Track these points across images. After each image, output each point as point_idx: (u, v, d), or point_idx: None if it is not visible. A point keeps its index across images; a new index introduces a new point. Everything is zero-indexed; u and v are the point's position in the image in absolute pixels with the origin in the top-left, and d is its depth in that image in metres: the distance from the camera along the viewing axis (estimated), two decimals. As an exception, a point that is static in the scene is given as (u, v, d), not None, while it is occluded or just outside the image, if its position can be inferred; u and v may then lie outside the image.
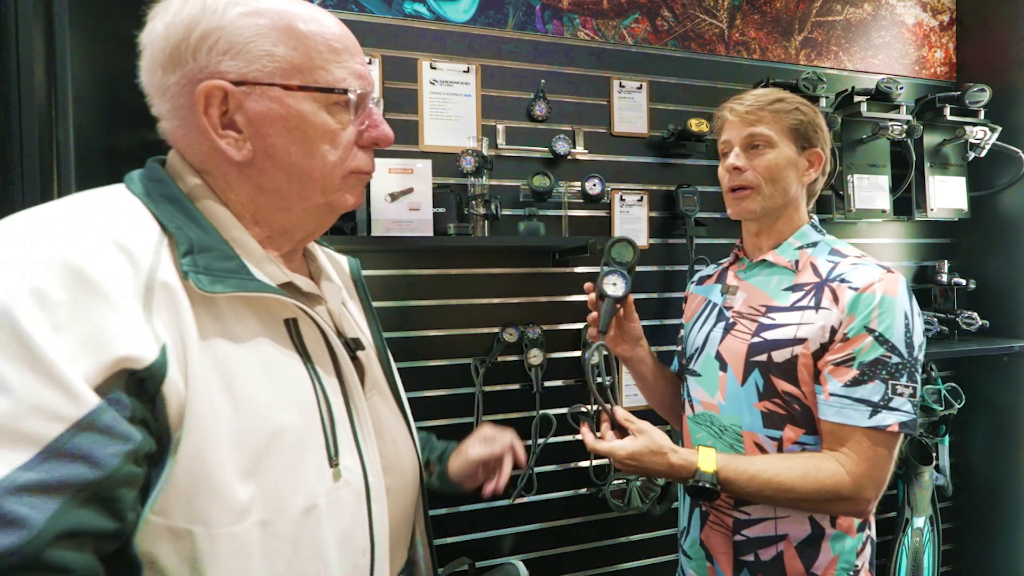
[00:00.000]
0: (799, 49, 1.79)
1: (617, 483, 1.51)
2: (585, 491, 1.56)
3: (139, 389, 0.42)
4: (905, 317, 0.83)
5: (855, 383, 0.83)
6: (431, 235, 1.28)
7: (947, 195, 1.79)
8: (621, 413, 0.90)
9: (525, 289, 1.53)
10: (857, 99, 1.66)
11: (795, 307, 0.90)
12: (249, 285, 0.51)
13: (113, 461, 0.39)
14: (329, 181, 0.57)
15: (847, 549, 0.90)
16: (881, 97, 1.67)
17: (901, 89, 1.67)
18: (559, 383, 1.55)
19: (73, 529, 0.38)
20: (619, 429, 0.90)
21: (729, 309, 1.00)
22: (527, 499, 1.51)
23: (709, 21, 1.70)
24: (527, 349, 1.48)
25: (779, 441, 0.90)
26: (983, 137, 1.76)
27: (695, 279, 1.17)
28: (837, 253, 0.93)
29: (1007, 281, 1.84)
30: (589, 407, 1.54)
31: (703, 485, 0.83)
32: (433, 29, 1.45)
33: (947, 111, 1.72)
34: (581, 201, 1.51)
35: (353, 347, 0.64)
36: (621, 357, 1.08)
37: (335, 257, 0.77)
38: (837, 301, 0.86)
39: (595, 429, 0.92)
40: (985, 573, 1.89)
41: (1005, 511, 1.84)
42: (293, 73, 0.53)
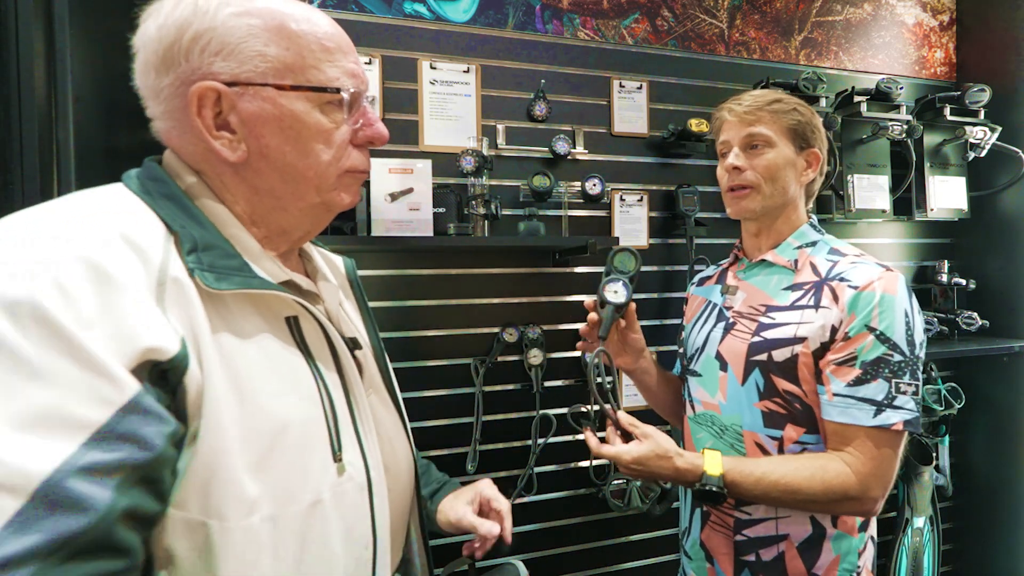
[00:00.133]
0: (799, 49, 1.79)
1: (617, 483, 1.51)
2: (585, 491, 1.56)
3: (162, 380, 0.43)
4: (905, 315, 0.83)
5: (858, 382, 0.83)
6: (431, 235, 1.28)
7: (947, 195, 1.79)
8: (625, 418, 0.90)
9: (525, 289, 1.53)
10: (857, 99, 1.66)
11: (795, 306, 0.90)
12: (253, 282, 0.51)
13: (159, 441, 0.41)
14: (324, 180, 0.57)
15: (849, 549, 0.90)
16: (881, 97, 1.67)
17: (901, 89, 1.67)
18: (559, 383, 1.55)
19: (132, 509, 0.39)
20: (623, 433, 0.90)
21: (729, 309, 1.00)
22: (527, 499, 1.51)
23: (709, 21, 1.70)
24: (527, 349, 1.48)
25: (780, 441, 0.90)
26: (983, 137, 1.76)
27: (695, 280, 1.17)
28: (836, 252, 0.93)
29: (1007, 281, 1.84)
30: (589, 407, 1.54)
31: (710, 488, 0.82)
32: (433, 29, 1.45)
33: (947, 111, 1.72)
34: (581, 201, 1.50)
35: (351, 347, 0.64)
36: (624, 369, 1.07)
37: (330, 257, 0.77)
38: (837, 300, 0.86)
39: (596, 430, 0.92)
40: (985, 573, 1.89)
41: (1005, 511, 1.84)
42: (286, 73, 0.53)
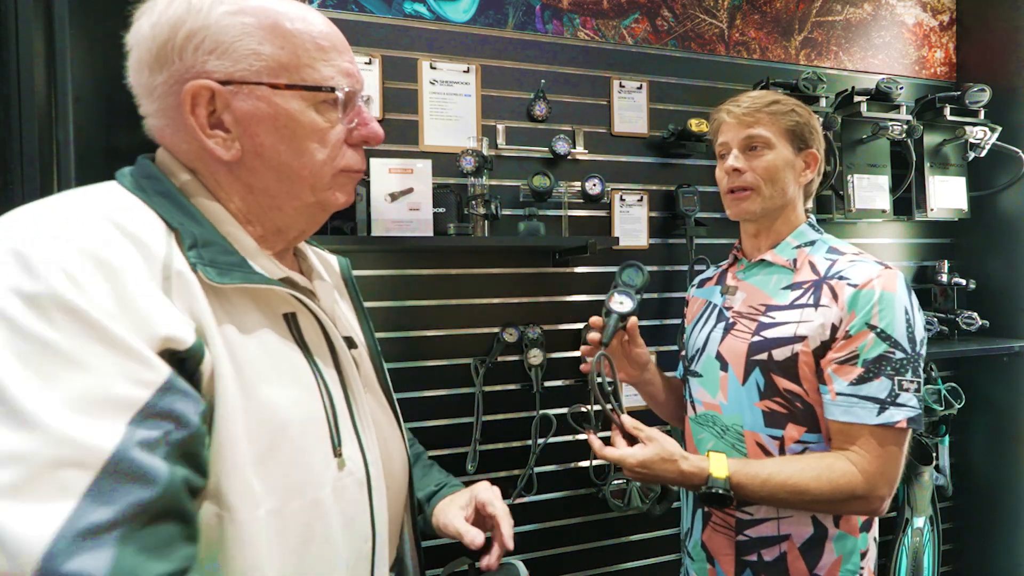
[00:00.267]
0: (799, 49, 1.79)
1: (617, 483, 1.51)
2: (585, 491, 1.56)
3: (180, 368, 0.44)
4: (905, 312, 0.83)
5: (861, 381, 0.82)
6: (431, 235, 1.28)
7: (947, 195, 1.79)
8: (629, 421, 0.90)
9: (525, 289, 1.52)
10: (857, 99, 1.66)
11: (794, 305, 0.90)
12: (254, 278, 0.52)
13: (195, 419, 0.42)
14: (319, 180, 0.57)
15: (852, 550, 0.90)
16: (881, 97, 1.67)
17: (901, 89, 1.67)
18: (559, 383, 1.55)
19: (186, 480, 0.41)
20: (627, 436, 0.90)
21: (729, 309, 1.00)
22: (527, 499, 1.51)
23: (709, 21, 1.70)
24: (527, 349, 1.48)
25: (781, 440, 0.90)
26: (983, 137, 1.76)
27: (695, 282, 1.18)
28: (835, 251, 0.93)
29: (1007, 281, 1.84)
30: (589, 407, 1.54)
31: (716, 491, 0.82)
32: (433, 29, 1.45)
33: (947, 111, 1.72)
34: (581, 201, 1.50)
35: (347, 346, 0.64)
36: (629, 382, 1.08)
37: (325, 257, 0.77)
38: (836, 298, 0.86)
39: (598, 431, 0.92)
40: (985, 573, 1.89)
41: (1005, 511, 1.84)
42: (280, 72, 0.52)
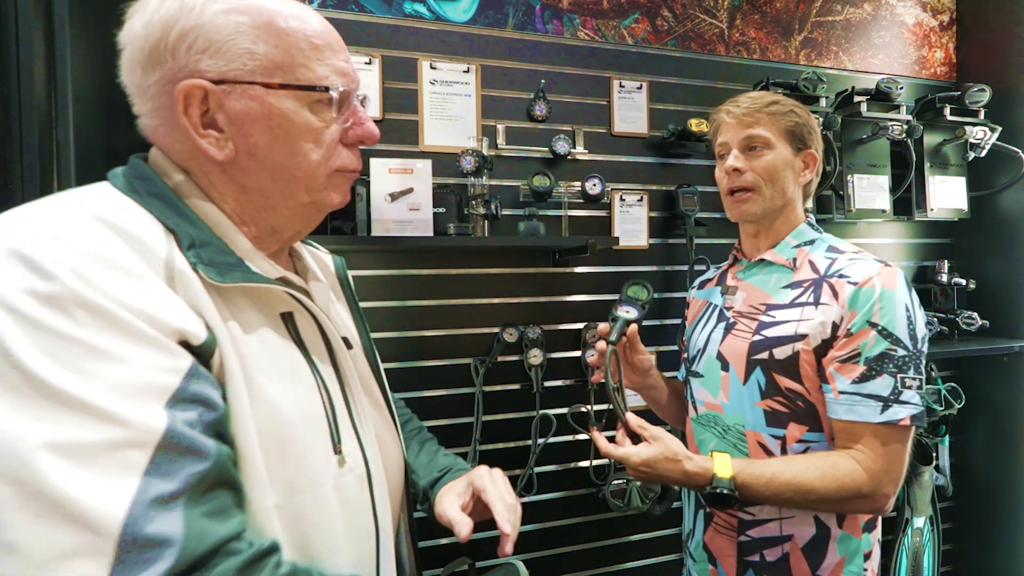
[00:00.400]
0: (799, 49, 1.79)
1: (617, 483, 1.51)
2: (585, 491, 1.56)
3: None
4: (906, 310, 0.83)
5: (863, 379, 0.82)
6: (431, 235, 1.28)
7: (947, 195, 1.79)
8: (635, 420, 0.90)
9: (525, 289, 1.52)
10: (857, 99, 1.66)
11: (794, 304, 0.90)
12: (253, 277, 0.52)
13: (220, 401, 0.45)
14: (313, 180, 0.56)
15: (855, 551, 0.89)
16: (881, 97, 1.67)
17: (901, 89, 1.67)
18: (559, 383, 1.54)
19: (228, 454, 0.44)
20: (632, 435, 0.90)
21: (729, 309, 1.00)
22: (527, 499, 1.50)
23: (709, 21, 1.70)
24: (527, 349, 1.48)
25: (782, 440, 0.89)
26: (983, 137, 1.76)
27: (696, 284, 1.18)
28: (834, 250, 0.93)
29: (1007, 281, 1.84)
30: (589, 407, 1.54)
31: (721, 491, 0.82)
32: (433, 29, 1.45)
33: (947, 111, 1.72)
34: (581, 201, 1.50)
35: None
36: (631, 387, 1.08)
37: (320, 256, 0.76)
38: (837, 296, 0.86)
39: (600, 427, 0.92)
40: (985, 573, 1.89)
41: (1005, 511, 1.84)
42: (274, 71, 0.52)
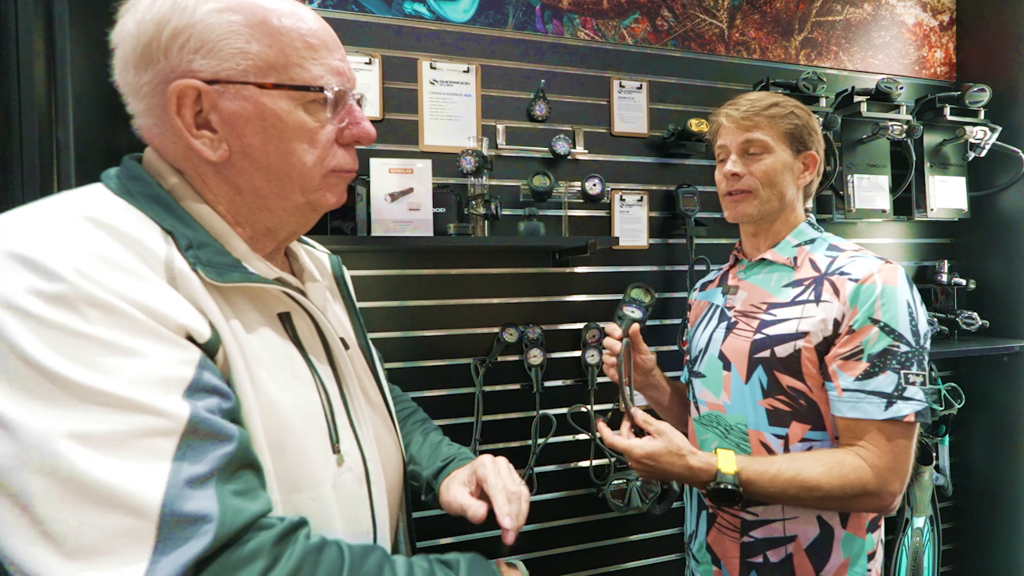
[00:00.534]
0: (799, 49, 1.79)
1: (617, 483, 1.51)
2: (585, 491, 1.56)
3: None
4: (908, 306, 0.83)
5: (867, 376, 0.82)
6: (431, 235, 1.28)
7: (947, 195, 1.79)
8: (640, 415, 0.90)
9: (525, 289, 1.52)
10: (857, 99, 1.66)
11: (795, 302, 0.90)
12: (251, 277, 0.52)
13: (232, 392, 0.46)
14: (308, 181, 0.56)
15: (859, 552, 0.89)
16: (881, 97, 1.67)
17: (901, 89, 1.67)
18: (559, 383, 1.54)
19: (249, 437, 0.46)
20: (636, 430, 0.90)
21: (730, 309, 1.00)
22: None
23: (709, 21, 1.70)
24: (527, 349, 1.48)
25: (785, 439, 0.89)
26: (983, 137, 1.76)
27: (697, 286, 1.18)
28: (835, 248, 0.93)
29: (1007, 281, 1.84)
30: (589, 407, 1.54)
31: (725, 487, 0.81)
32: (433, 29, 1.45)
33: (947, 111, 1.72)
34: (581, 201, 1.50)
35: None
36: (635, 387, 1.08)
37: (317, 255, 0.76)
38: (838, 294, 0.86)
39: (602, 417, 0.92)
40: (985, 573, 1.89)
41: (1005, 511, 1.84)
42: (268, 71, 0.51)
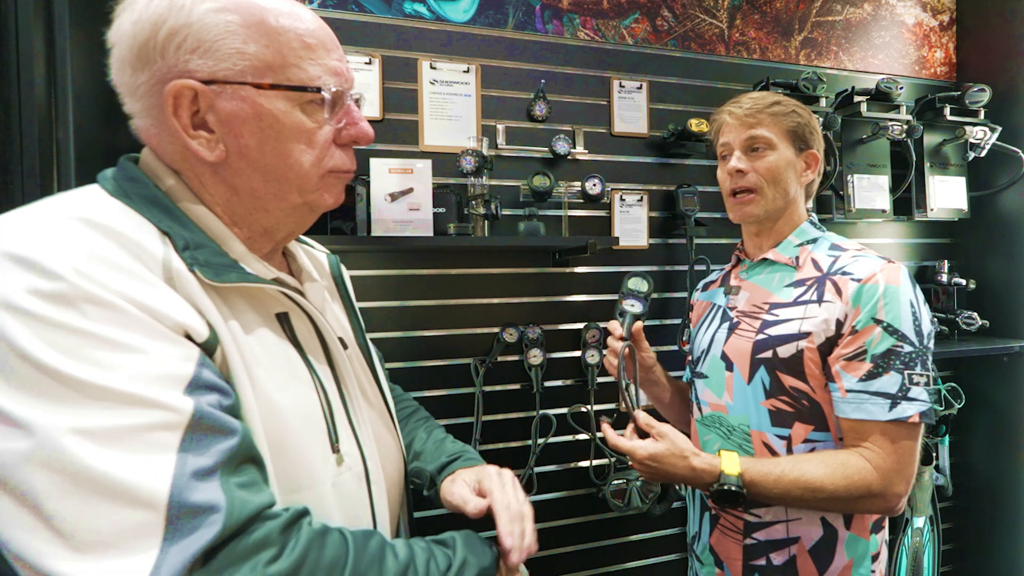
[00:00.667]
0: (799, 49, 1.79)
1: (617, 483, 1.51)
2: (585, 491, 1.56)
3: None
4: (911, 306, 0.83)
5: (870, 376, 0.82)
6: (431, 235, 1.28)
7: (947, 195, 1.79)
8: (643, 417, 0.89)
9: (525, 289, 1.52)
10: (857, 99, 1.66)
11: (798, 302, 0.90)
12: (249, 278, 0.52)
13: (232, 389, 0.46)
14: (306, 181, 0.55)
15: (863, 554, 0.89)
16: (881, 97, 1.67)
17: (901, 89, 1.67)
18: (559, 383, 1.54)
19: (251, 432, 0.46)
20: (640, 432, 0.89)
21: (733, 309, 1.00)
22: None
23: (709, 21, 1.70)
24: (527, 349, 1.48)
25: (788, 440, 0.89)
26: (983, 137, 1.76)
27: (699, 286, 1.18)
28: (837, 248, 0.93)
29: (1007, 281, 1.84)
30: (589, 407, 1.54)
31: (729, 488, 0.81)
32: (433, 29, 1.45)
33: (947, 111, 1.72)
34: (581, 201, 1.50)
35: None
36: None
37: (315, 255, 0.75)
38: (840, 294, 0.85)
39: (607, 417, 0.92)
40: (985, 573, 1.89)
41: (1005, 511, 1.84)
42: (265, 71, 0.51)
